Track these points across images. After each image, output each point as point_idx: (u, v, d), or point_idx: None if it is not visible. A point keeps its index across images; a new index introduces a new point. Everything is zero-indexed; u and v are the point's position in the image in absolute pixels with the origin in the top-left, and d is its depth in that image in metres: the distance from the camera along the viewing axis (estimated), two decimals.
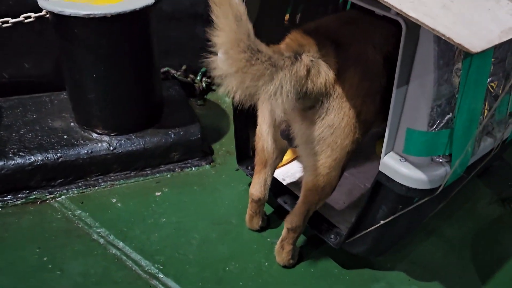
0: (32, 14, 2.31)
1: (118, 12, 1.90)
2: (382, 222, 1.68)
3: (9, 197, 2.16)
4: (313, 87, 1.43)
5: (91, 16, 1.88)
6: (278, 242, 1.92)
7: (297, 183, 2.25)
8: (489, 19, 1.07)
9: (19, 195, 2.18)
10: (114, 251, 1.98)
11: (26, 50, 2.67)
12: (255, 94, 1.32)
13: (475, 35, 0.99)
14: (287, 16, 2.14)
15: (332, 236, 1.94)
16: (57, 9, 1.87)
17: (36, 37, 2.65)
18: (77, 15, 1.87)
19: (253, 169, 2.23)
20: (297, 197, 1.88)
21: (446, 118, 1.39)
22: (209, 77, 3.15)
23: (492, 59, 1.45)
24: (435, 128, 1.39)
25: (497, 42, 0.99)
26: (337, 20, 1.70)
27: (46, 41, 2.68)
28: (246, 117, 2.17)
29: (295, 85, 1.36)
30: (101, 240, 2.03)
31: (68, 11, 1.86)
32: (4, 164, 2.11)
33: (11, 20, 2.28)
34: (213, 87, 3.19)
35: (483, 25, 1.04)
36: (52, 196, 2.21)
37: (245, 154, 2.29)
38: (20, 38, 2.60)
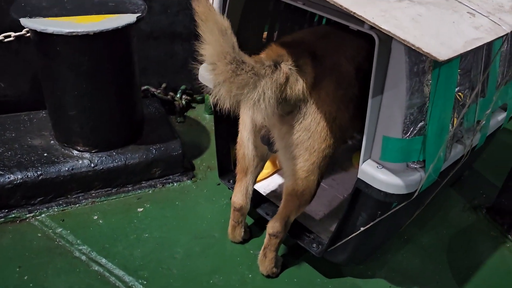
0: (12, 34, 2.32)
1: (101, 30, 1.94)
2: (362, 229, 1.74)
3: None
4: (292, 93, 1.53)
5: (74, 34, 1.90)
6: (261, 250, 1.96)
7: (277, 195, 2.30)
8: (454, 31, 1.17)
9: None
10: (97, 267, 1.97)
11: (2, 70, 2.66)
12: (241, 101, 1.40)
13: (442, 45, 1.08)
14: (265, 34, 2.22)
15: (314, 245, 1.98)
16: (40, 27, 1.89)
17: (13, 57, 2.65)
18: (60, 33, 1.89)
19: (234, 182, 2.27)
20: (278, 208, 1.92)
21: (419, 125, 1.47)
22: (188, 95, 3.20)
23: (459, 70, 1.55)
24: (409, 135, 1.47)
25: (461, 51, 1.08)
26: (312, 34, 1.80)
27: (22, 60, 2.68)
28: (227, 131, 2.22)
29: (276, 91, 1.46)
30: (83, 257, 2.01)
31: (51, 29, 1.88)
32: None
33: None
34: (193, 105, 3.24)
35: (448, 36, 1.13)
36: (32, 214, 2.19)
37: (227, 168, 2.33)
38: None
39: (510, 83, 1.94)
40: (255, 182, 2.02)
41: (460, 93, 1.61)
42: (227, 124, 2.18)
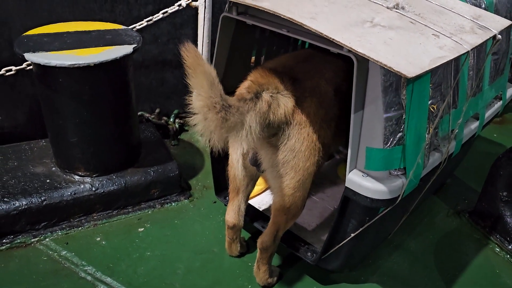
0: (13, 67, 2.45)
1: (101, 61, 2.08)
2: (352, 235, 1.87)
3: None
4: (275, 118, 1.65)
5: (75, 65, 2.04)
6: (255, 263, 2.07)
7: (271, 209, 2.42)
8: (421, 51, 1.33)
9: (4, 241, 2.22)
10: (102, 286, 2.05)
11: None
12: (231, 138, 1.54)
13: (410, 64, 1.23)
14: (253, 59, 2.38)
15: (309, 254, 2.10)
16: (43, 60, 2.02)
17: (9, 90, 2.77)
18: (62, 65, 2.02)
19: None
20: None
21: (398, 136, 1.62)
22: (181, 118, 3.34)
23: (431, 85, 1.72)
24: (389, 145, 1.62)
25: (427, 68, 1.24)
26: (293, 59, 1.93)
27: (19, 93, 2.80)
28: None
29: (260, 121, 1.58)
30: (89, 278, 2.09)
31: (54, 62, 2.02)
32: None
33: None
34: (186, 128, 3.38)
35: (416, 56, 1.29)
36: (36, 239, 2.27)
37: (223, 185, 2.45)
38: None
39: (480, 95, 2.12)
40: (247, 200, 2.13)
41: (433, 105, 1.77)
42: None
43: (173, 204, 2.60)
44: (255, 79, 1.67)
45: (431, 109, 1.74)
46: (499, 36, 1.55)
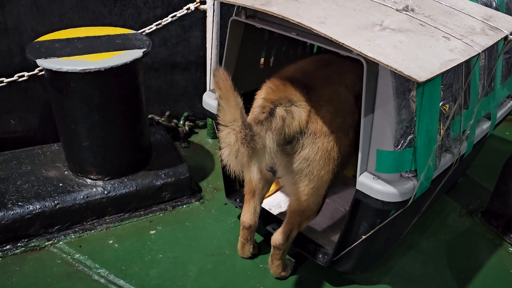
0: (26, 73, 2.48)
1: (111, 66, 2.10)
2: (364, 237, 1.86)
3: (8, 246, 2.24)
4: (290, 131, 1.66)
5: (86, 70, 2.06)
6: (269, 257, 2.11)
7: (282, 211, 2.42)
8: (431, 54, 1.32)
9: (18, 244, 2.26)
10: None
11: (12, 108, 2.82)
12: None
13: (421, 67, 1.23)
14: (262, 60, 2.38)
15: (320, 256, 2.10)
16: (55, 66, 2.04)
17: (22, 95, 2.81)
18: (74, 71, 2.05)
19: (241, 201, 2.39)
20: (282, 222, 2.04)
21: (409, 138, 1.62)
22: (191, 121, 3.35)
23: (442, 86, 1.70)
24: (400, 147, 1.61)
25: (438, 72, 1.23)
26: (314, 63, 1.92)
27: (31, 98, 2.84)
28: None
29: (276, 138, 1.59)
30: (102, 280, 2.12)
31: (65, 67, 2.04)
32: (4, 214, 2.21)
33: (6, 80, 2.44)
34: (196, 130, 3.39)
35: (426, 60, 1.28)
36: (50, 242, 2.30)
37: (233, 187, 2.46)
38: (7, 97, 2.75)
39: (491, 94, 2.10)
40: (262, 201, 2.14)
41: (445, 106, 1.76)
42: None
43: (184, 206, 2.62)
44: (267, 96, 1.67)
45: (443, 110, 1.73)
46: (511, 37, 1.53)
